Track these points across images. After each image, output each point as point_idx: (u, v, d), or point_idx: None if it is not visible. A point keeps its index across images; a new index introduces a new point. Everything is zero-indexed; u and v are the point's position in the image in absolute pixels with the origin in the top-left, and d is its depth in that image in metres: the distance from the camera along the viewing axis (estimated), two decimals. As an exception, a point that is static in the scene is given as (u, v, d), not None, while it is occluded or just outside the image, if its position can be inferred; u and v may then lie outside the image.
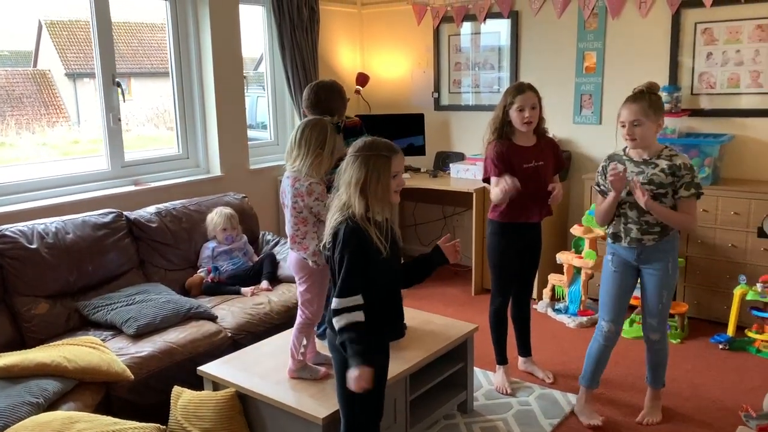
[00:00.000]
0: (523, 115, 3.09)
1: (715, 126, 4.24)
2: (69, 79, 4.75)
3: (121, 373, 2.73)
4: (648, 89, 2.78)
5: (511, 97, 3.10)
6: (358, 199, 2.09)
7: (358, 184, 2.10)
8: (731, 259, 3.96)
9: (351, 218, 2.10)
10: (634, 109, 2.73)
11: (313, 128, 2.51)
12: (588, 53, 4.63)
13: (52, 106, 4.39)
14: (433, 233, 5.63)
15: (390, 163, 2.14)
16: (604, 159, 2.98)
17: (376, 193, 2.11)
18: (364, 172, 2.10)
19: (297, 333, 2.63)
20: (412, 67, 5.51)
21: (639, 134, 2.75)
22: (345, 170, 2.15)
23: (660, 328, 2.96)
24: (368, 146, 2.14)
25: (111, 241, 3.53)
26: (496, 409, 3.19)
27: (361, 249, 2.08)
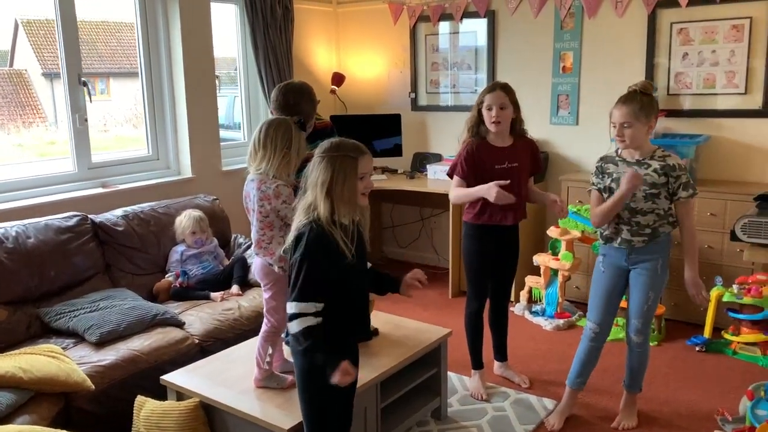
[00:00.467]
0: (490, 114, 3.04)
1: (691, 126, 4.22)
2: (46, 78, 4.66)
3: (80, 383, 2.63)
4: (641, 90, 2.74)
5: (482, 96, 3.07)
6: (324, 200, 2.02)
7: (324, 186, 2.02)
8: (708, 261, 3.93)
9: (316, 221, 2.03)
10: (624, 111, 2.70)
11: (277, 128, 2.43)
12: (565, 53, 4.60)
13: (29, 107, 4.29)
14: (411, 235, 5.57)
15: (357, 164, 2.07)
16: (597, 160, 2.93)
17: (342, 195, 2.04)
18: (329, 173, 2.03)
19: (262, 341, 2.54)
20: (388, 67, 5.44)
21: (629, 136, 2.71)
22: (311, 171, 2.07)
23: (644, 330, 2.92)
24: (335, 147, 2.07)
25: (75, 245, 3.41)
26: (470, 415, 3.13)
27: (324, 254, 2.01)
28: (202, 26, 4.41)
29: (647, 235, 2.77)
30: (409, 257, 5.60)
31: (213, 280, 3.73)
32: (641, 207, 2.75)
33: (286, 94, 3.01)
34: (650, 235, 2.77)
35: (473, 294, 3.29)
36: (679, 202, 2.74)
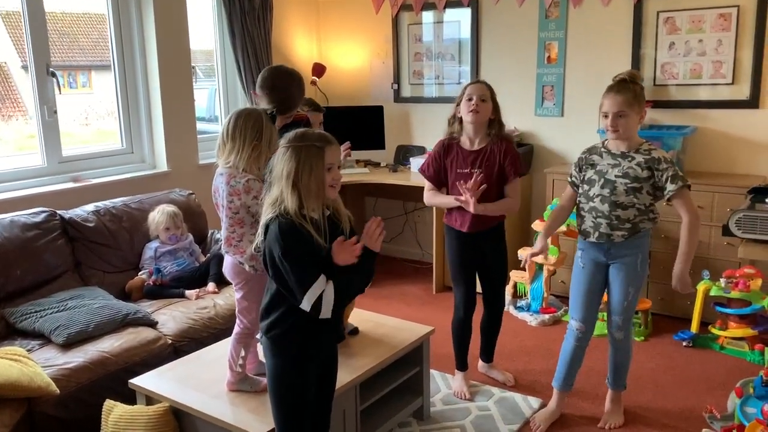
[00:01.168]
0: (469, 104, 2.93)
1: (677, 118, 4.15)
2: (25, 71, 4.52)
3: (44, 388, 2.50)
4: (631, 78, 2.65)
5: (463, 89, 2.99)
6: (291, 193, 1.91)
7: (289, 178, 1.92)
8: (696, 254, 3.85)
9: (283, 214, 1.92)
10: (618, 100, 2.59)
11: (247, 118, 2.31)
12: (550, 43, 4.50)
13: (9, 100, 4.16)
14: (395, 229, 5.46)
15: (323, 155, 1.96)
16: (582, 151, 2.83)
17: (310, 188, 1.94)
18: (294, 164, 1.92)
19: (235, 344, 2.43)
20: (370, 58, 5.32)
21: (623, 125, 2.62)
22: (276, 163, 1.97)
23: (624, 326, 2.84)
24: (299, 137, 1.97)
25: (42, 242, 3.28)
26: (453, 415, 3.04)
27: (301, 243, 1.90)
28: (177, 16, 4.27)
29: (627, 230, 2.69)
30: (393, 252, 5.50)
31: (188, 277, 3.61)
32: (622, 201, 2.66)
33: (277, 76, 2.82)
34: (630, 230, 2.69)
35: (459, 300, 3.17)
36: (672, 195, 2.63)
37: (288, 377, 2.04)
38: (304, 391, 2.07)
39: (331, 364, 2.19)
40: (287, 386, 2.05)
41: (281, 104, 2.69)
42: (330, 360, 2.18)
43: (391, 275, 5.03)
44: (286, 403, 2.05)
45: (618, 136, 2.66)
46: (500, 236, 3.16)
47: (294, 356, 2.04)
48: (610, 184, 2.67)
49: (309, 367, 2.06)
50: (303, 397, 2.06)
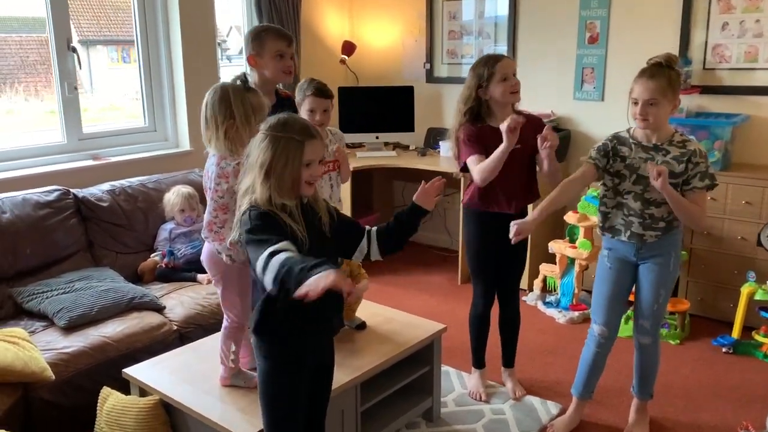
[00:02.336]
0: (509, 84, 2.68)
1: (728, 105, 3.82)
2: (82, 46, 4.56)
3: (38, 374, 2.45)
4: (667, 62, 2.39)
5: (488, 69, 2.68)
6: (261, 184, 1.77)
7: (262, 168, 1.78)
8: (740, 253, 3.58)
9: (255, 206, 1.79)
10: (651, 86, 2.34)
11: (212, 98, 2.14)
12: (591, 22, 4.21)
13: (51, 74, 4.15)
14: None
15: (303, 149, 1.80)
16: (607, 137, 2.59)
17: (282, 181, 1.79)
18: (270, 155, 1.78)
19: (224, 338, 2.31)
20: (403, 36, 5.11)
21: (653, 114, 2.37)
22: (252, 149, 1.82)
23: (652, 331, 2.62)
24: (280, 125, 1.81)
25: (54, 221, 3.23)
26: (465, 417, 2.88)
27: (274, 224, 1.76)
28: (201, -10, 4.15)
29: (661, 229, 2.45)
30: (421, 238, 5.32)
31: (202, 260, 3.52)
32: (655, 198, 2.42)
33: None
34: (664, 229, 2.45)
35: (478, 293, 2.98)
36: (692, 191, 2.39)
37: (278, 379, 1.91)
38: (295, 394, 1.94)
39: (325, 365, 2.06)
40: (277, 389, 1.92)
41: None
42: (324, 360, 2.05)
43: (415, 262, 4.86)
44: (275, 407, 1.93)
45: (647, 126, 2.41)
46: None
47: (284, 358, 1.91)
48: (643, 180, 2.43)
49: (300, 369, 1.93)
50: (293, 400, 1.94)
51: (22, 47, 3.93)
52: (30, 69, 3.91)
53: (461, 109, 2.78)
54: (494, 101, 2.73)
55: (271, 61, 2.60)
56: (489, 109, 2.75)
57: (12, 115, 3.91)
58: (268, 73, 2.63)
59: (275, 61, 2.60)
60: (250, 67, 2.67)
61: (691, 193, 2.41)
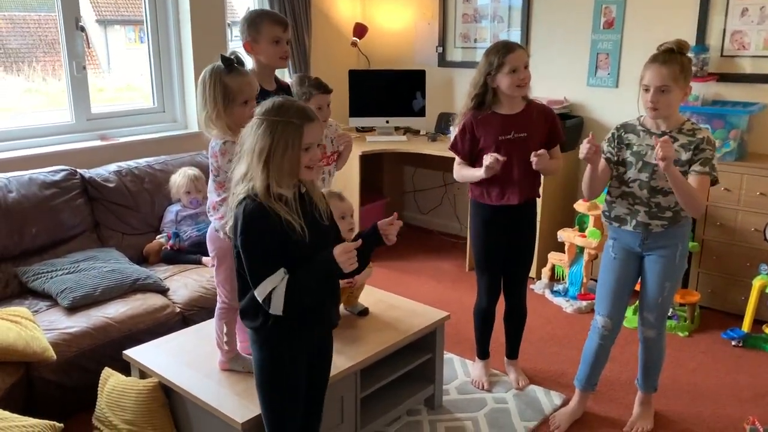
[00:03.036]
0: (517, 77, 2.62)
1: (745, 93, 3.73)
2: (100, 25, 4.64)
3: (40, 353, 2.46)
4: (678, 48, 2.32)
5: (499, 58, 2.61)
6: (261, 172, 1.73)
7: (261, 155, 1.73)
8: (753, 245, 3.51)
9: (251, 196, 1.75)
10: (663, 72, 2.28)
11: (199, 84, 2.14)
12: (607, 6, 4.12)
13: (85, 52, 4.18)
14: (433, 201, 5.25)
15: (302, 133, 1.76)
16: (615, 126, 2.54)
17: (282, 167, 1.75)
18: (268, 141, 1.73)
19: (216, 320, 2.30)
20: (416, 19, 5.04)
21: (664, 102, 2.31)
22: (247, 136, 1.78)
23: (657, 324, 2.57)
24: (277, 109, 1.77)
25: (60, 201, 3.24)
26: (467, 405, 2.86)
27: (264, 229, 1.74)
28: (211, -31, 4.11)
29: (668, 218, 2.40)
30: (430, 224, 5.29)
31: (208, 243, 3.51)
32: (662, 186, 2.37)
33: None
34: (671, 219, 2.40)
35: (483, 287, 2.92)
36: (691, 174, 2.32)
37: (273, 370, 1.89)
38: (293, 384, 1.92)
39: (322, 354, 2.03)
40: (273, 379, 1.90)
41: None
42: (321, 349, 2.02)
43: (424, 248, 4.83)
44: (272, 397, 1.92)
45: (657, 114, 2.35)
46: (535, 212, 2.90)
47: (279, 349, 1.88)
48: (650, 167, 2.37)
49: (296, 359, 1.91)
50: (291, 389, 1.92)
51: (41, 26, 3.92)
52: (48, 48, 3.91)
53: (470, 93, 2.73)
54: (501, 90, 2.68)
55: (267, 47, 2.56)
56: (496, 96, 2.70)
57: (30, 93, 3.93)
58: (264, 59, 2.59)
59: (272, 47, 2.56)
60: (247, 54, 2.62)
61: (689, 176, 2.33)
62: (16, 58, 3.82)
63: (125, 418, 2.32)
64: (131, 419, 2.30)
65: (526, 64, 2.65)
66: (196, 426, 2.28)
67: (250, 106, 2.12)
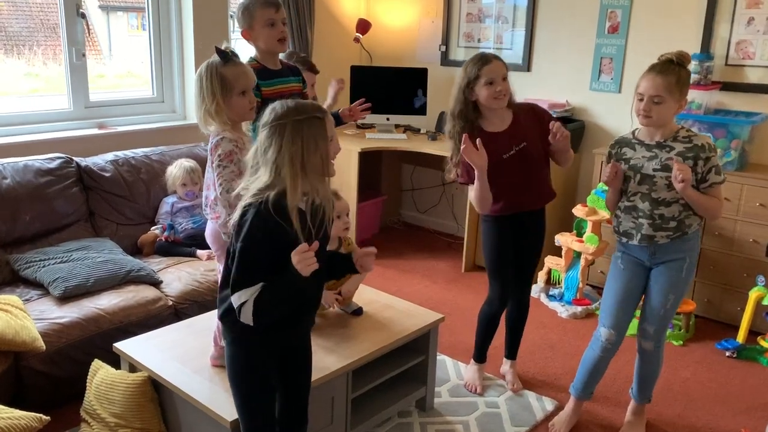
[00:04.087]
0: (494, 89, 2.55)
1: (748, 103, 3.71)
2: (102, 11, 4.62)
3: (29, 343, 2.43)
4: (678, 60, 2.30)
5: (475, 70, 2.56)
6: (301, 179, 1.68)
7: (295, 160, 1.67)
8: (751, 256, 3.50)
9: (266, 203, 1.68)
10: (658, 82, 2.26)
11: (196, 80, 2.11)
12: (612, 11, 4.09)
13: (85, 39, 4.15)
14: (431, 200, 5.23)
15: (325, 126, 1.74)
16: (610, 144, 2.53)
17: (317, 168, 1.71)
18: (299, 143, 1.68)
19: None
20: (420, 16, 5.01)
21: (657, 113, 2.29)
22: (269, 145, 1.70)
23: (656, 337, 2.54)
24: (294, 109, 1.71)
25: (55, 189, 3.21)
26: (459, 409, 2.84)
27: (269, 241, 1.70)
28: (214, -41, 4.07)
29: (672, 228, 2.38)
30: (428, 223, 5.27)
31: (203, 236, 3.45)
32: (664, 197, 2.35)
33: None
34: (675, 228, 2.38)
35: (496, 293, 2.86)
36: (712, 187, 2.32)
37: (242, 366, 1.86)
38: (263, 381, 1.89)
39: (298, 353, 2.00)
40: (242, 375, 1.87)
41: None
42: (296, 348, 1.99)
43: (420, 248, 4.81)
44: (242, 393, 1.88)
45: (649, 123, 2.33)
46: (545, 219, 2.86)
47: (248, 344, 1.85)
48: (648, 179, 2.36)
49: (267, 356, 1.88)
50: (262, 387, 1.89)
51: (43, 10, 3.89)
52: (50, 32, 3.88)
53: (452, 115, 2.66)
54: (481, 104, 2.63)
55: (263, 31, 2.55)
56: (478, 111, 2.65)
57: (30, 77, 3.90)
58: (263, 44, 2.59)
59: (267, 30, 2.56)
60: (247, 42, 2.63)
61: (710, 189, 2.34)
62: (17, 41, 3.79)
63: (113, 411, 2.30)
64: (119, 413, 2.28)
65: (504, 76, 2.59)
66: (184, 422, 2.26)
67: (248, 96, 2.12)
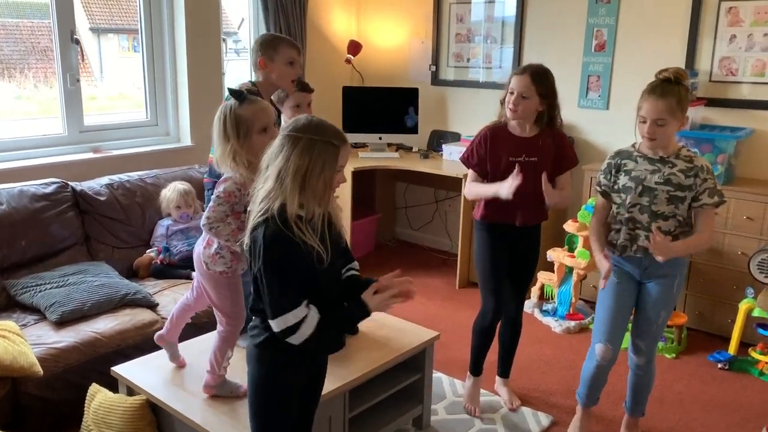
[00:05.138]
0: (510, 98, 2.66)
1: (733, 118, 3.78)
2: (93, 33, 4.65)
3: (27, 369, 2.44)
4: (676, 79, 2.34)
5: (510, 76, 2.70)
6: (295, 191, 1.69)
7: (297, 174, 1.68)
8: (740, 269, 3.54)
9: (273, 217, 1.69)
10: (660, 106, 2.30)
11: (214, 124, 2.13)
12: (599, 30, 4.17)
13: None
14: (425, 217, 5.27)
15: (338, 155, 1.75)
16: (610, 155, 2.57)
17: (316, 189, 1.71)
18: (307, 160, 1.69)
19: (220, 344, 2.25)
20: (410, 37, 5.08)
21: (661, 134, 2.34)
22: (278, 152, 1.72)
23: (648, 352, 2.58)
24: (314, 128, 1.73)
25: (51, 213, 3.23)
26: (455, 426, 2.86)
27: (289, 254, 1.70)
28: (207, -16, 4.13)
29: None
30: (422, 240, 5.31)
31: (198, 258, 3.50)
32: (663, 210, 2.40)
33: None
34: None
35: (489, 306, 2.88)
36: (702, 209, 2.38)
37: (270, 389, 1.87)
38: (287, 405, 1.90)
39: (318, 376, 2.03)
40: (268, 399, 1.87)
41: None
42: (318, 372, 2.02)
43: (414, 265, 4.84)
44: (266, 418, 1.89)
45: (654, 146, 2.39)
46: (540, 233, 2.91)
47: (279, 367, 1.86)
48: (650, 192, 2.40)
49: (294, 379, 1.90)
50: (285, 411, 1.90)
51: (33, 33, 3.93)
52: (40, 55, 3.91)
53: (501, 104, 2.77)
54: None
55: (282, 67, 2.74)
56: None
57: (21, 101, 3.93)
58: (276, 78, 2.75)
59: (286, 68, 2.75)
60: (258, 69, 2.75)
61: (701, 210, 2.39)
62: (8, 64, 3.82)
63: (112, 435, 2.31)
64: (118, 437, 2.29)
65: (524, 92, 2.63)
66: (183, 445, 2.27)
67: (269, 132, 2.09)
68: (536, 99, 2.65)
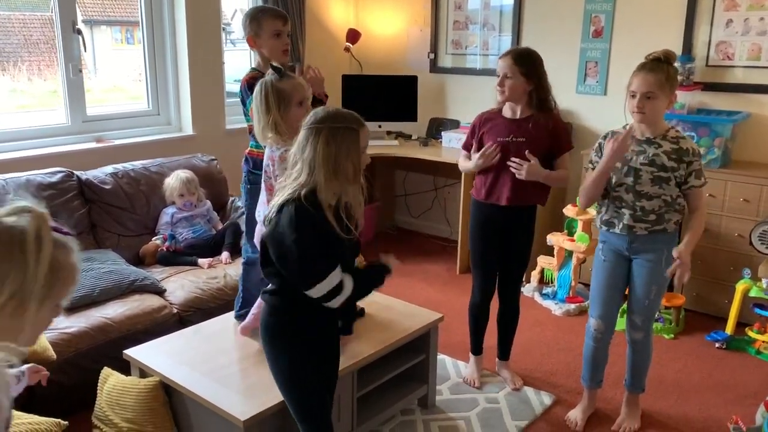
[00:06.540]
0: (497, 82, 2.76)
1: (729, 102, 3.84)
2: (86, 26, 4.60)
3: (41, 353, 2.48)
4: (665, 58, 2.43)
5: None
6: (331, 179, 1.81)
7: (327, 162, 1.80)
8: (736, 250, 3.61)
9: (300, 198, 1.80)
10: (649, 79, 2.39)
11: (255, 98, 2.27)
12: (596, 16, 4.21)
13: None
14: (424, 204, 5.32)
15: (359, 137, 1.87)
16: (603, 135, 2.63)
17: (347, 172, 1.83)
18: (333, 147, 1.81)
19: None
20: (408, 25, 5.11)
21: (650, 108, 2.41)
22: (306, 144, 1.84)
23: (644, 327, 2.65)
24: (333, 117, 1.85)
25: (57, 203, 3.26)
26: (459, 405, 2.92)
27: (321, 224, 1.81)
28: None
29: (651, 221, 2.49)
30: (421, 227, 5.36)
31: (203, 245, 3.55)
32: (647, 191, 2.46)
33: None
34: (654, 222, 2.49)
35: (477, 283, 2.99)
36: (691, 190, 2.47)
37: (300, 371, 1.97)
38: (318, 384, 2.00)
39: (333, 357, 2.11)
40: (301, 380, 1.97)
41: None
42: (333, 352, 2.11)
43: (415, 252, 4.90)
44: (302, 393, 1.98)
45: (643, 119, 2.45)
46: (533, 218, 2.95)
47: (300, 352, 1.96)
48: (634, 172, 2.47)
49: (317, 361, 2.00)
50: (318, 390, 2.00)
51: (26, 26, 3.93)
52: (33, 48, 3.92)
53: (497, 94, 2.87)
54: None
55: (269, 40, 2.71)
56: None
57: (15, 94, 3.95)
58: (267, 52, 2.73)
59: (273, 40, 2.71)
60: (251, 48, 2.78)
61: (690, 192, 2.47)
62: (1, 57, 3.84)
63: (126, 416, 2.35)
64: (132, 417, 2.34)
65: (506, 72, 2.72)
66: (196, 425, 2.32)
67: (305, 106, 2.26)
68: (521, 78, 2.72)
